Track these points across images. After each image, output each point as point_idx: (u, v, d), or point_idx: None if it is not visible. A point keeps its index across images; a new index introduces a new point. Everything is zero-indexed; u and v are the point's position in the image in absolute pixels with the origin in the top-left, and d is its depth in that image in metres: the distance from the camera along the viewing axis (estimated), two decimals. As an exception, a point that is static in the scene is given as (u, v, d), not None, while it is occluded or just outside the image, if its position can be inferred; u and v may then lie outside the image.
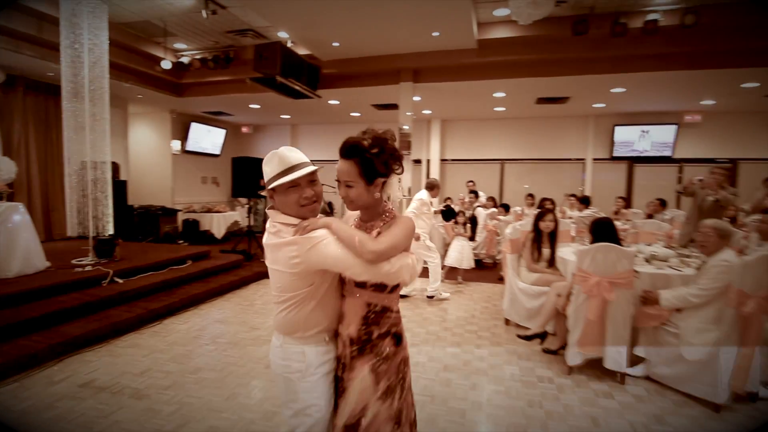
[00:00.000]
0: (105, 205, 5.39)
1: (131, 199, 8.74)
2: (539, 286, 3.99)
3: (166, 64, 6.77)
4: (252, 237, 7.51)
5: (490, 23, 6.19)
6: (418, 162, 10.90)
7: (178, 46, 7.48)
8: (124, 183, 8.35)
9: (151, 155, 10.20)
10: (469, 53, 6.44)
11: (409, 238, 1.42)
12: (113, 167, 6.20)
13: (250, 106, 9.29)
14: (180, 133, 10.43)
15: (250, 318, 4.57)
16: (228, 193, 12.30)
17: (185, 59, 7.29)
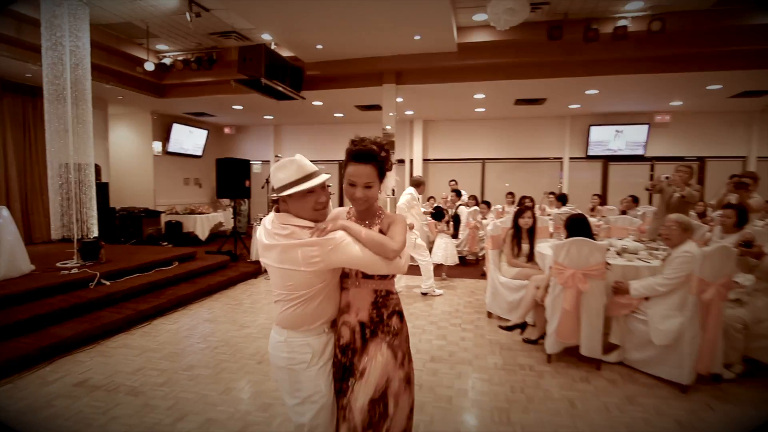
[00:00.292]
0: (89, 207, 5.37)
1: (112, 201, 8.65)
2: (519, 279, 4.19)
3: (149, 66, 6.75)
4: (238, 238, 7.54)
5: (470, 27, 6.40)
6: (401, 162, 11.08)
7: (160, 47, 7.45)
8: (105, 185, 8.25)
9: (132, 157, 10.09)
10: (450, 56, 6.64)
11: (406, 234, 1.59)
12: (95, 169, 6.16)
13: (233, 107, 9.30)
14: (161, 134, 10.36)
15: (240, 317, 4.64)
16: (211, 194, 12.26)
17: (167, 60, 7.27)
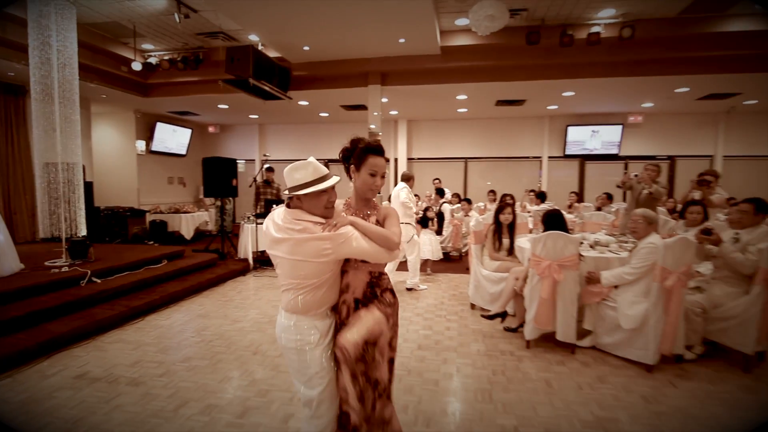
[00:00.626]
0: (77, 206, 5.40)
1: (96, 200, 8.59)
2: (500, 272, 4.43)
3: (137, 66, 6.77)
4: (226, 236, 7.61)
5: (453, 31, 6.63)
6: (386, 160, 11.27)
7: (146, 46, 7.46)
8: (90, 184, 8.19)
9: (115, 156, 10.02)
10: (433, 59, 6.87)
11: (399, 224, 1.84)
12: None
13: (218, 106, 9.33)
14: (144, 133, 10.31)
15: (231, 312, 4.76)
16: (195, 193, 12.23)
17: (153, 60, 7.28)
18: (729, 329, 3.32)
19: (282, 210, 1.74)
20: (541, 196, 8.20)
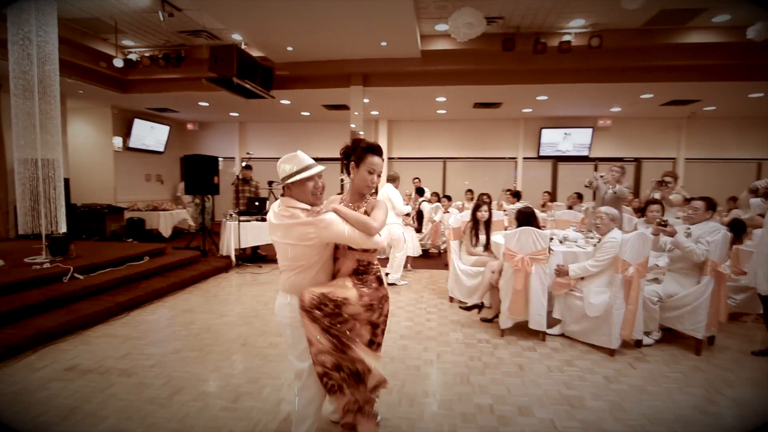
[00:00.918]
0: (57, 203, 5.37)
1: (72, 197, 8.46)
2: (477, 266, 4.68)
3: (119, 63, 6.72)
4: (207, 234, 7.62)
5: (433, 36, 6.88)
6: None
7: (126, 42, 7.41)
8: (66, 181, 8.05)
9: (92, 152, 9.86)
10: (414, 62, 7.10)
11: (386, 216, 1.99)
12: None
13: (199, 103, 9.31)
14: (121, 129, 10.17)
15: (217, 307, 4.85)
16: (172, 191, 12.11)
17: (133, 56, 7.24)
18: (682, 316, 3.64)
19: (280, 199, 1.93)
20: (516, 195, 8.54)
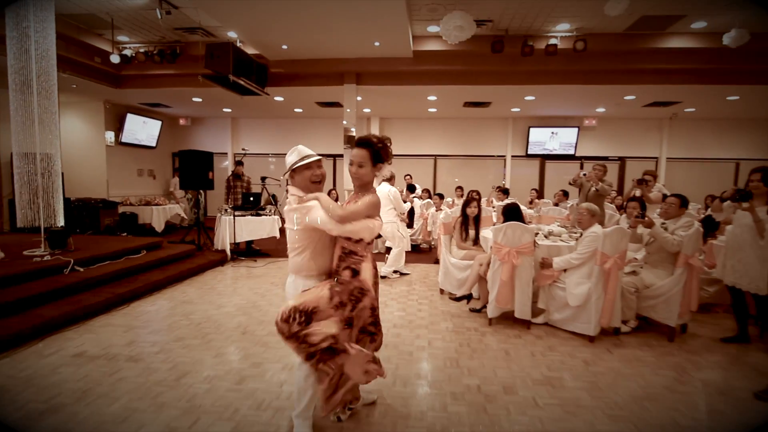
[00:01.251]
0: (56, 197, 5.46)
1: (65, 192, 8.47)
2: (466, 260, 4.90)
3: (115, 59, 6.78)
4: (201, 228, 7.73)
5: (424, 37, 7.07)
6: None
7: (121, 38, 7.46)
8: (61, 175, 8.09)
9: (84, 147, 9.86)
10: (406, 61, 7.29)
11: (371, 209, 2.10)
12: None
13: (192, 99, 9.37)
14: (114, 124, 10.18)
15: (215, 299, 5.00)
16: (165, 186, 12.15)
17: (128, 52, 7.30)
18: (657, 306, 3.91)
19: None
20: (505, 192, 8.79)
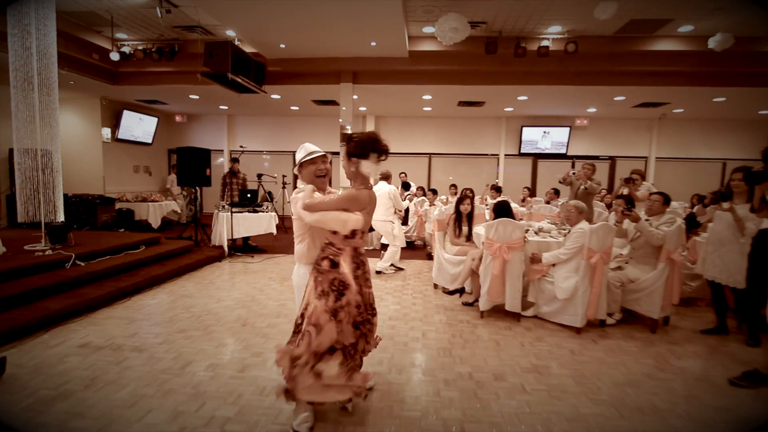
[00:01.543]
0: (57, 193, 5.54)
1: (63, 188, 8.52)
2: (460, 256, 5.05)
3: (115, 56, 6.85)
4: (198, 225, 7.82)
5: (420, 38, 7.20)
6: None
7: (120, 35, 7.51)
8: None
9: (80, 143, 9.90)
10: (402, 61, 7.42)
11: (346, 203, 2.11)
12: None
13: (189, 96, 9.44)
14: (110, 120, 10.22)
15: (214, 293, 5.12)
16: (161, 182, 12.19)
17: (126, 49, 7.36)
18: (641, 299, 4.09)
19: None
20: (498, 190, 8.97)
